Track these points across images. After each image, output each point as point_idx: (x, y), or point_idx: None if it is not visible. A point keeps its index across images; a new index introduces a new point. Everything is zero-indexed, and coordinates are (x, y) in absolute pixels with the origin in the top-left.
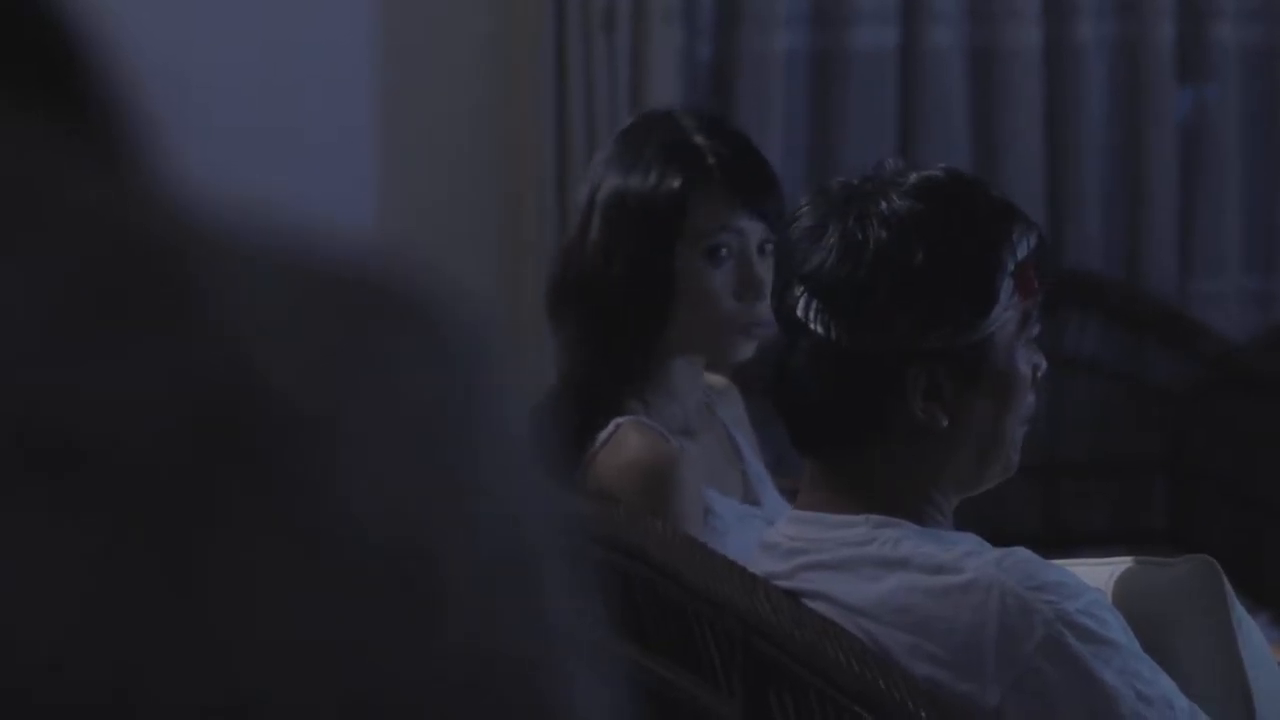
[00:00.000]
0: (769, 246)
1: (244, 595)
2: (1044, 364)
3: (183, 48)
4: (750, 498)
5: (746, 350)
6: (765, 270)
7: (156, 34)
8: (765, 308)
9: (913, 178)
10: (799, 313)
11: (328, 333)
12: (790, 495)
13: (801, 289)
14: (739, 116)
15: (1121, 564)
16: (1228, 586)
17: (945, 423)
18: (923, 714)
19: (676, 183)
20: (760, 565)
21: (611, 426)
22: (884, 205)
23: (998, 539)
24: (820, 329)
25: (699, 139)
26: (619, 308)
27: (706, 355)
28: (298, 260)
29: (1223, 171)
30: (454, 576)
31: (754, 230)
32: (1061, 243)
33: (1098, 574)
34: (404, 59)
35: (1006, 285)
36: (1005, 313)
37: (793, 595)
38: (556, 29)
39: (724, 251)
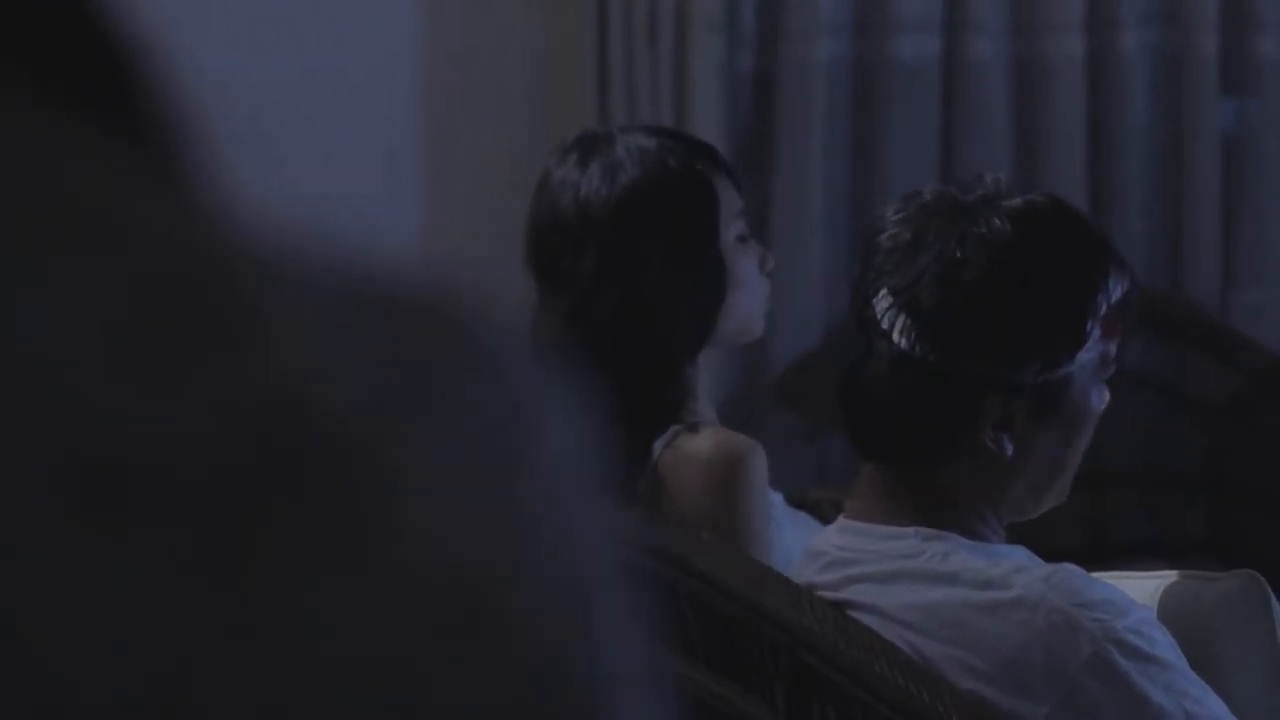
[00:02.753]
0: None
1: (294, 622)
2: (1109, 396)
3: (224, 62)
4: None
5: (762, 328)
6: None
7: (201, 49)
8: None
9: (1017, 202)
10: (883, 322)
11: (381, 357)
12: (830, 508)
13: (890, 301)
14: (780, 126)
15: (1166, 578)
16: (1274, 601)
17: (1010, 451)
18: None
19: (704, 169)
20: (806, 574)
21: (671, 432)
22: (985, 228)
23: (1039, 550)
24: (905, 343)
25: (681, 135)
26: (678, 314)
27: (740, 338)
28: (350, 282)
29: (1265, 183)
30: (507, 601)
31: None
32: None
33: (1142, 588)
34: (447, 72)
35: (1094, 328)
36: (1088, 353)
37: (839, 607)
38: (599, 40)
39: (746, 233)
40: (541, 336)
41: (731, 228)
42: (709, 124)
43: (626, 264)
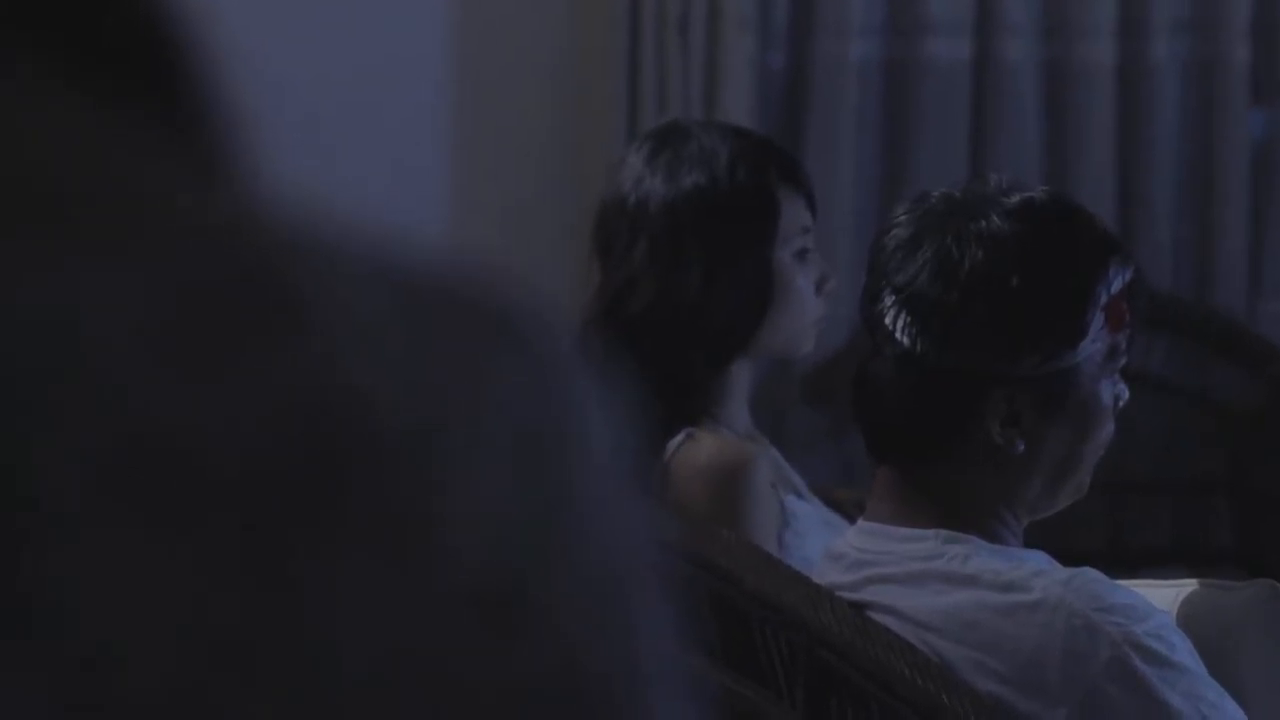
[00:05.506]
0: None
1: (336, 614)
2: (1126, 393)
3: (256, 51)
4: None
5: (811, 346)
6: None
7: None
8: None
9: (1015, 199)
10: (887, 322)
11: (425, 348)
12: (853, 508)
13: (892, 299)
14: (811, 124)
15: (1186, 586)
16: None
17: (1021, 448)
18: None
19: (771, 182)
20: (826, 575)
21: (683, 435)
22: (983, 225)
23: (1061, 556)
24: (907, 341)
25: (761, 142)
26: (710, 321)
27: (784, 355)
28: (394, 272)
29: None
30: (546, 596)
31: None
32: None
33: (1162, 595)
34: (477, 68)
35: (1097, 318)
36: (1093, 345)
37: (858, 607)
38: (630, 37)
39: (809, 250)
40: (586, 319)
41: (791, 243)
42: (739, 121)
43: (668, 264)
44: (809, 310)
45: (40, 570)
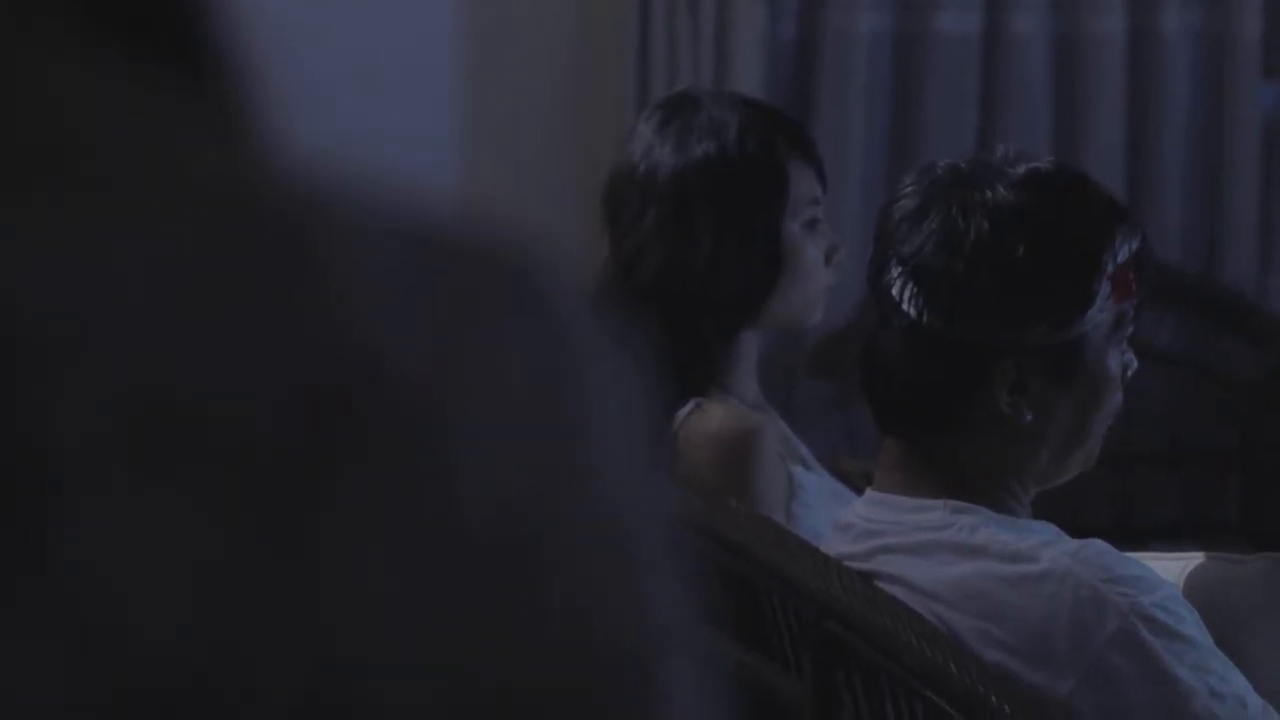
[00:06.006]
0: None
1: (348, 571)
2: (1134, 362)
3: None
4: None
5: (820, 316)
6: None
7: None
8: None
9: (1021, 169)
10: (894, 293)
11: (442, 307)
12: (861, 479)
13: (899, 270)
14: (821, 97)
15: (1193, 559)
16: None
17: (1029, 418)
18: (993, 699)
19: (780, 153)
20: (835, 546)
21: (692, 404)
22: (989, 195)
23: (1069, 529)
24: (913, 312)
25: (771, 112)
26: (718, 290)
27: (792, 326)
28: (409, 229)
29: None
30: (559, 558)
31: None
32: None
33: (1169, 568)
34: (489, 39)
35: (1104, 287)
36: (1100, 314)
37: (866, 577)
38: (641, 8)
39: (818, 220)
40: (596, 289)
41: (801, 214)
42: (748, 92)
43: (678, 233)
44: (818, 281)
45: (55, 528)
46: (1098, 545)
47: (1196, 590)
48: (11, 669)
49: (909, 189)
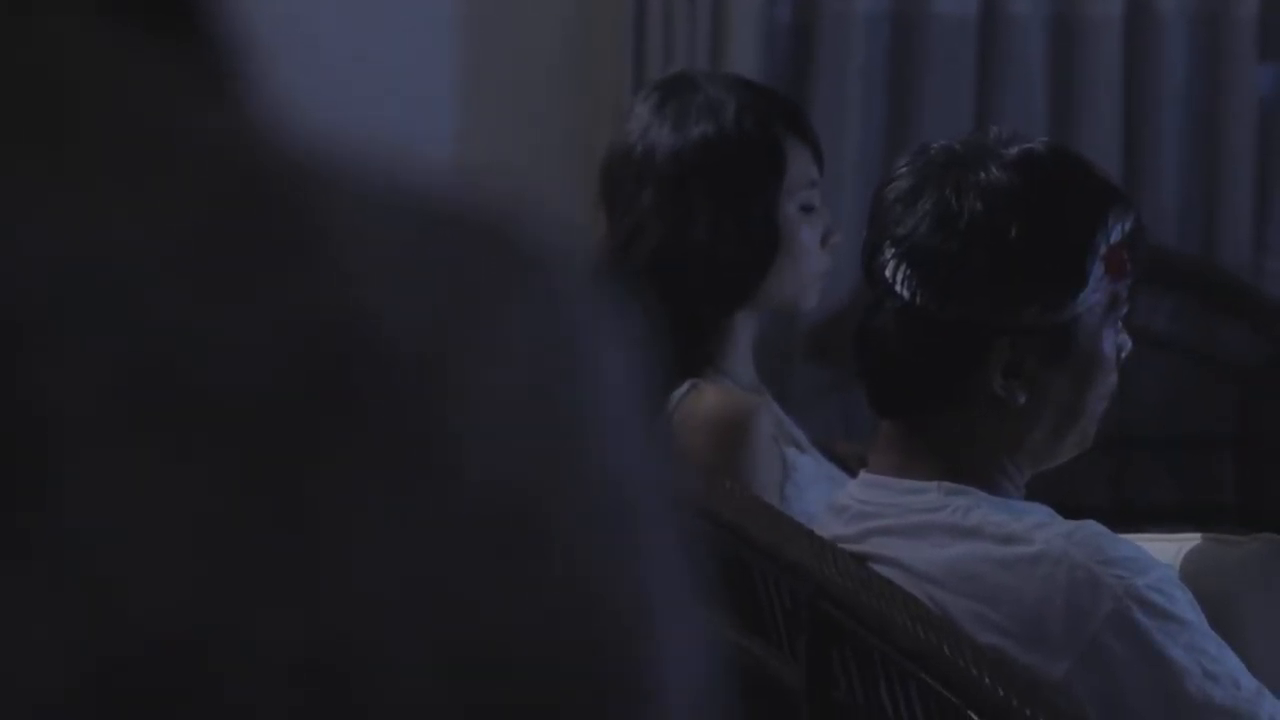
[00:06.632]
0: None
1: (348, 536)
2: (1129, 344)
3: None
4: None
5: (815, 300)
6: None
7: None
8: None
9: (1014, 150)
10: (887, 274)
11: (442, 274)
12: (855, 461)
13: (892, 252)
14: (817, 78)
15: (1189, 541)
16: None
17: (1023, 399)
18: (987, 680)
19: (777, 134)
20: (829, 528)
21: (687, 385)
22: (982, 176)
23: (1066, 512)
24: (907, 294)
25: (768, 94)
26: (715, 270)
27: (788, 308)
28: (411, 198)
29: None
30: (557, 524)
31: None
32: None
33: (1165, 550)
34: (486, 21)
35: (1097, 267)
36: (1094, 294)
37: (860, 559)
38: None
39: (814, 204)
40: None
41: (797, 196)
42: (745, 74)
43: (673, 213)
44: (814, 264)
45: (54, 492)
46: (1092, 527)
47: (1192, 572)
48: (13, 632)
49: (903, 170)
